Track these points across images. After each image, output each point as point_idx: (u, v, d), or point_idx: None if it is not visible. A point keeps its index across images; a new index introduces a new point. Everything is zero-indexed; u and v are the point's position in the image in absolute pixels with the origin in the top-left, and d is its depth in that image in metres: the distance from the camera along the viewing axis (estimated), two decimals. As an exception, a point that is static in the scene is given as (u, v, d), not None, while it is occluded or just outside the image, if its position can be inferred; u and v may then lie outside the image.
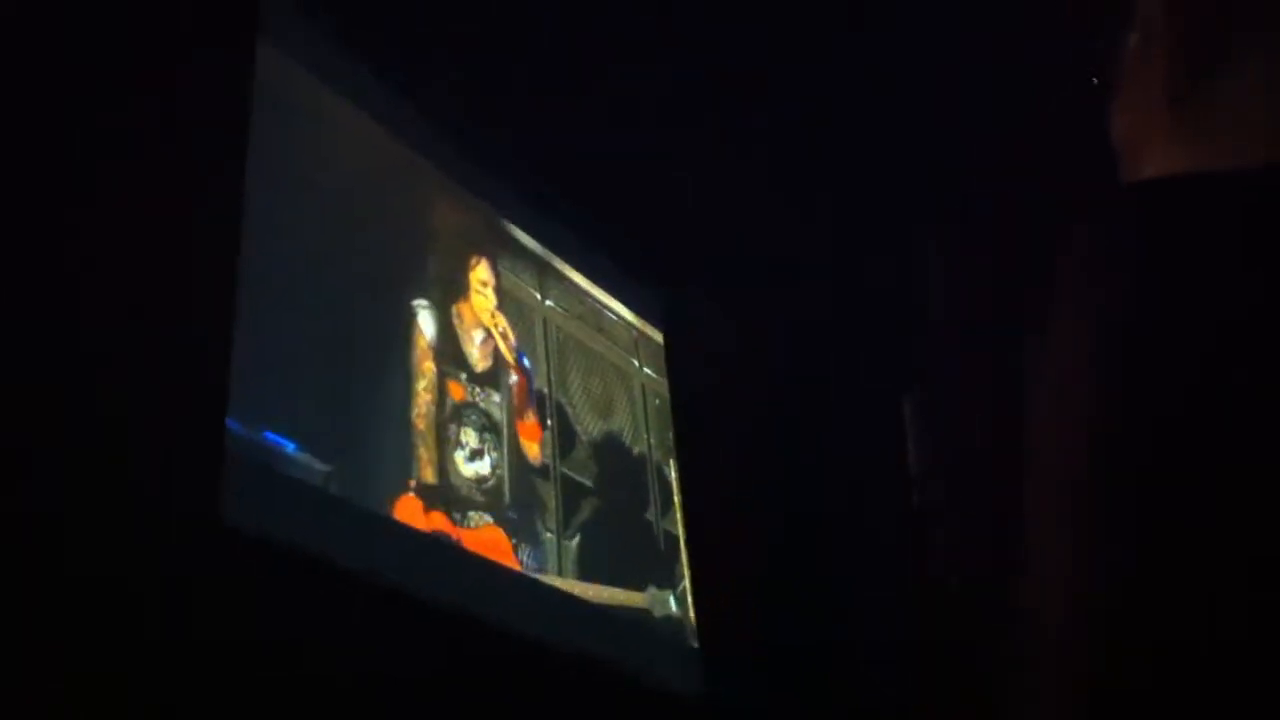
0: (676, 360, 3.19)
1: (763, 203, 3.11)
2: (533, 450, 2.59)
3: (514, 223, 2.77)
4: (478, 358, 2.50)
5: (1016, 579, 0.83)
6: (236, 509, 1.78)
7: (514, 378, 2.60)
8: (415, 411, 2.27)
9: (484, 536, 2.32)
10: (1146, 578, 0.74)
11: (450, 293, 2.50)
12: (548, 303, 2.82)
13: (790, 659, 2.86)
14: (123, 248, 1.78)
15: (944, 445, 2.28)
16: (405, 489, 2.18)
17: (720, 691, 2.69)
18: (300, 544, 1.88)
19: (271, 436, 1.93)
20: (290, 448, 1.95)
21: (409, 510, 2.17)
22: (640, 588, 2.73)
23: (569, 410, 2.76)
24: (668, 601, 2.78)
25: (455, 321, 2.48)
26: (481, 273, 2.62)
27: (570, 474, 2.68)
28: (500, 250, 2.72)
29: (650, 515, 2.90)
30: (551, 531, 2.53)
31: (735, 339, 3.24)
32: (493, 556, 2.34)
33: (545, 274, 2.85)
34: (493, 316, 2.61)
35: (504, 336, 2.61)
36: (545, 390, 2.72)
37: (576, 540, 2.60)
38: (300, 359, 2.04)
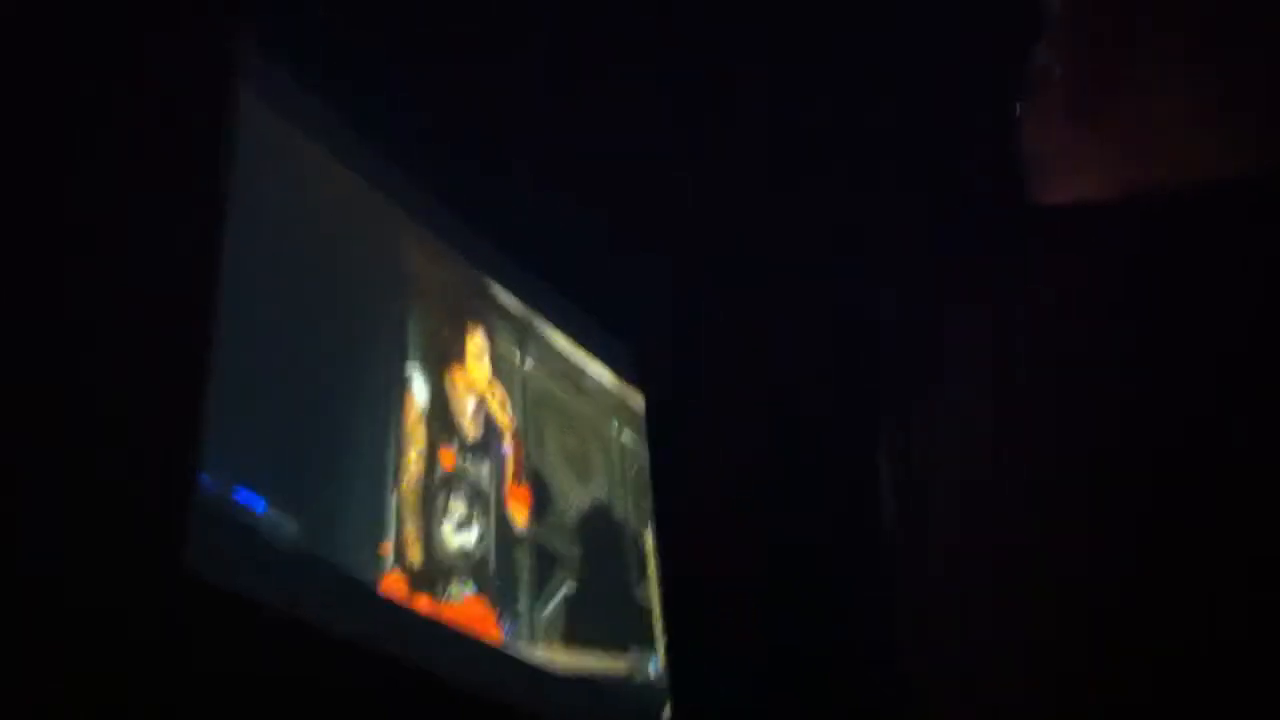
0: (656, 422, 3.16)
1: (752, 216, 3.11)
2: (521, 517, 2.57)
3: (496, 280, 2.76)
4: (470, 426, 2.47)
5: (1014, 580, 0.83)
6: (201, 565, 1.75)
7: (508, 446, 2.58)
8: (405, 482, 2.23)
9: (467, 609, 2.28)
10: (1146, 578, 0.74)
11: (444, 360, 2.47)
12: (528, 362, 2.81)
13: None
14: (100, 296, 1.75)
15: (942, 452, 2.28)
16: (390, 567, 2.15)
17: None
18: (264, 604, 1.84)
19: (242, 493, 1.90)
20: (260, 506, 1.92)
21: (394, 588, 2.14)
22: (621, 652, 2.71)
23: (546, 473, 2.73)
24: (648, 667, 2.77)
25: (449, 389, 2.46)
26: (477, 340, 2.60)
27: (547, 538, 2.66)
28: (492, 308, 2.71)
29: (629, 581, 2.89)
30: (527, 597, 2.52)
31: (718, 389, 3.21)
32: (475, 627, 2.31)
33: (526, 334, 2.83)
34: (489, 385, 2.59)
35: (501, 405, 2.60)
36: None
37: (557, 606, 2.58)
38: (279, 417, 1.99)
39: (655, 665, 2.76)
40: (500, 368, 2.65)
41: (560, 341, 2.92)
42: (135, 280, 1.78)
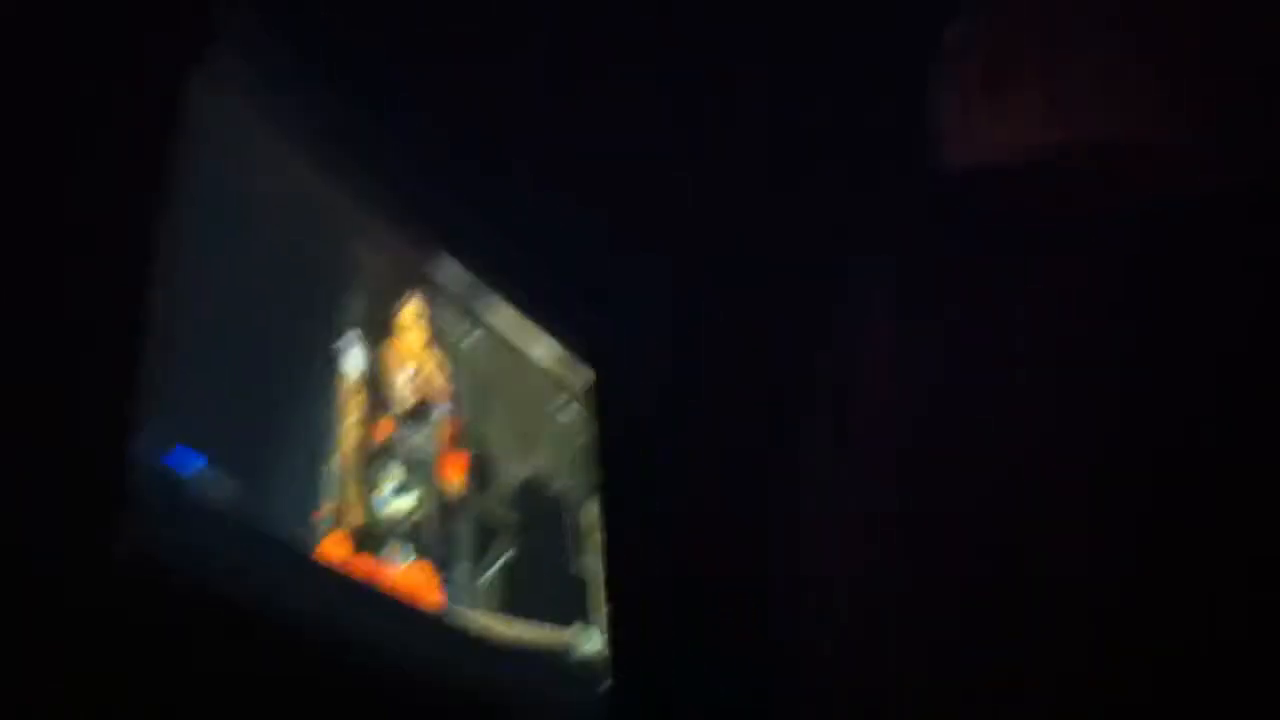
0: (604, 398, 3.18)
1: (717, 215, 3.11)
2: (457, 483, 2.58)
3: (444, 249, 2.76)
4: (406, 394, 2.50)
5: (1014, 580, 0.83)
6: (134, 522, 1.76)
7: (444, 411, 2.60)
8: (343, 449, 2.26)
9: (409, 574, 2.31)
10: (1146, 578, 0.75)
11: (382, 326, 2.49)
12: (473, 334, 2.82)
13: (710, 703, 2.85)
14: (41, 254, 1.75)
15: (942, 452, 2.28)
16: (333, 527, 2.17)
17: None
18: (199, 563, 1.85)
19: (179, 451, 1.91)
20: (197, 463, 1.93)
21: (336, 549, 2.16)
22: (563, 624, 2.73)
23: (489, 445, 2.75)
24: (590, 639, 2.78)
25: (386, 355, 2.48)
26: (413, 307, 2.61)
27: (488, 509, 2.68)
28: (432, 281, 2.71)
29: (568, 553, 2.90)
30: (467, 565, 2.54)
31: (668, 374, 3.22)
32: (419, 593, 2.33)
33: (471, 306, 2.84)
34: (424, 351, 2.61)
35: (436, 372, 2.62)
36: (466, 421, 2.72)
37: (497, 576, 2.60)
38: (217, 378, 2.00)
39: (594, 640, 2.78)
40: (442, 337, 2.66)
41: (506, 314, 2.93)
42: (77, 243, 1.78)
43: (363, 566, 2.19)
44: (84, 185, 1.80)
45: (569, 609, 2.77)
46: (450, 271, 2.77)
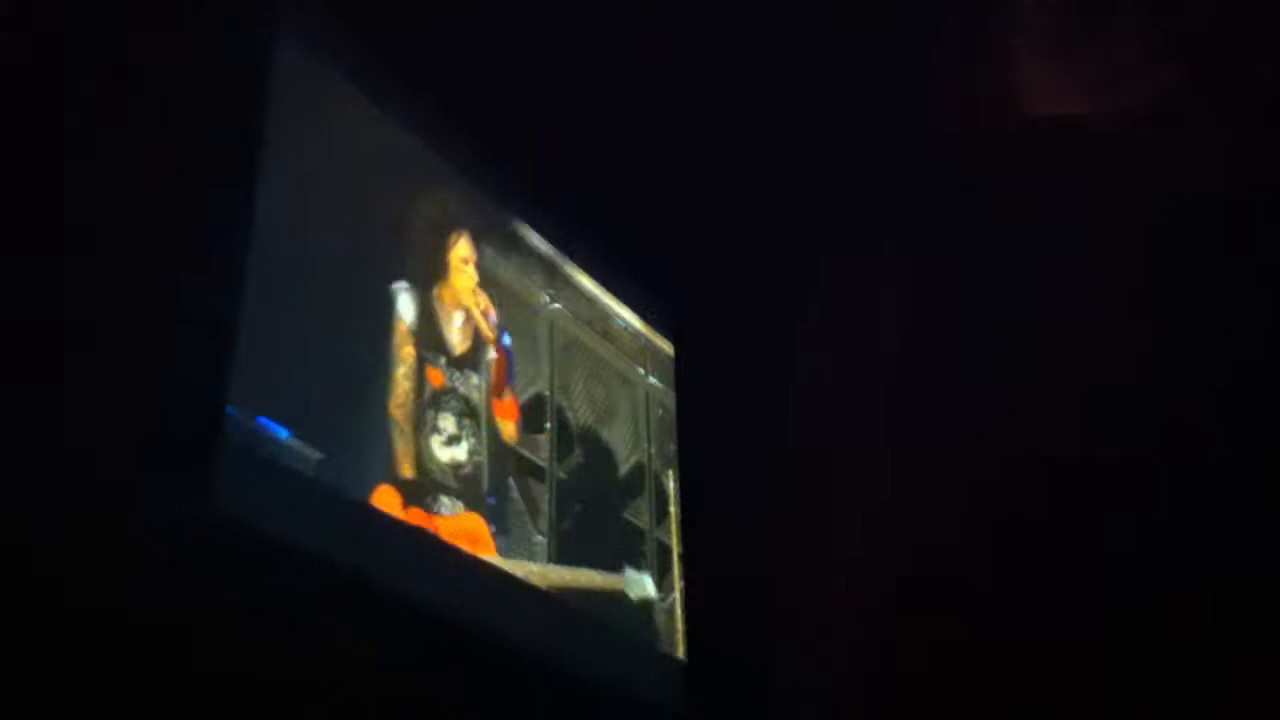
0: (685, 371, 3.20)
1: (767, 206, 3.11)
2: (508, 430, 2.57)
3: (525, 221, 2.76)
4: (457, 340, 2.48)
5: (1015, 578, 0.83)
6: (229, 495, 1.79)
7: (492, 355, 2.59)
8: (394, 401, 2.26)
9: (463, 525, 2.31)
10: (1143, 576, 0.75)
11: (432, 273, 2.48)
12: (555, 305, 2.82)
13: (776, 680, 2.86)
14: (130, 233, 1.80)
15: (943, 450, 2.28)
16: (383, 480, 2.19)
17: (703, 705, 2.72)
18: (290, 533, 1.89)
19: (264, 422, 1.94)
20: (283, 434, 1.95)
21: (387, 502, 2.17)
22: (618, 571, 2.74)
23: (570, 414, 2.76)
24: (645, 584, 2.78)
25: (436, 304, 2.46)
26: (462, 249, 2.57)
27: (563, 476, 2.69)
28: (485, 229, 2.68)
29: (638, 519, 2.91)
30: (543, 534, 2.52)
31: (747, 350, 3.24)
32: (471, 545, 2.32)
33: (554, 275, 2.83)
34: (473, 294, 2.58)
35: (484, 314, 2.60)
36: (547, 392, 2.71)
37: (562, 535, 2.62)
38: (290, 344, 2.04)
39: (655, 583, 2.78)
40: (521, 304, 2.64)
41: (589, 285, 2.92)
42: (169, 225, 1.83)
43: (414, 518, 2.20)
44: (168, 150, 1.85)
45: (633, 557, 2.78)
46: (535, 239, 2.76)
